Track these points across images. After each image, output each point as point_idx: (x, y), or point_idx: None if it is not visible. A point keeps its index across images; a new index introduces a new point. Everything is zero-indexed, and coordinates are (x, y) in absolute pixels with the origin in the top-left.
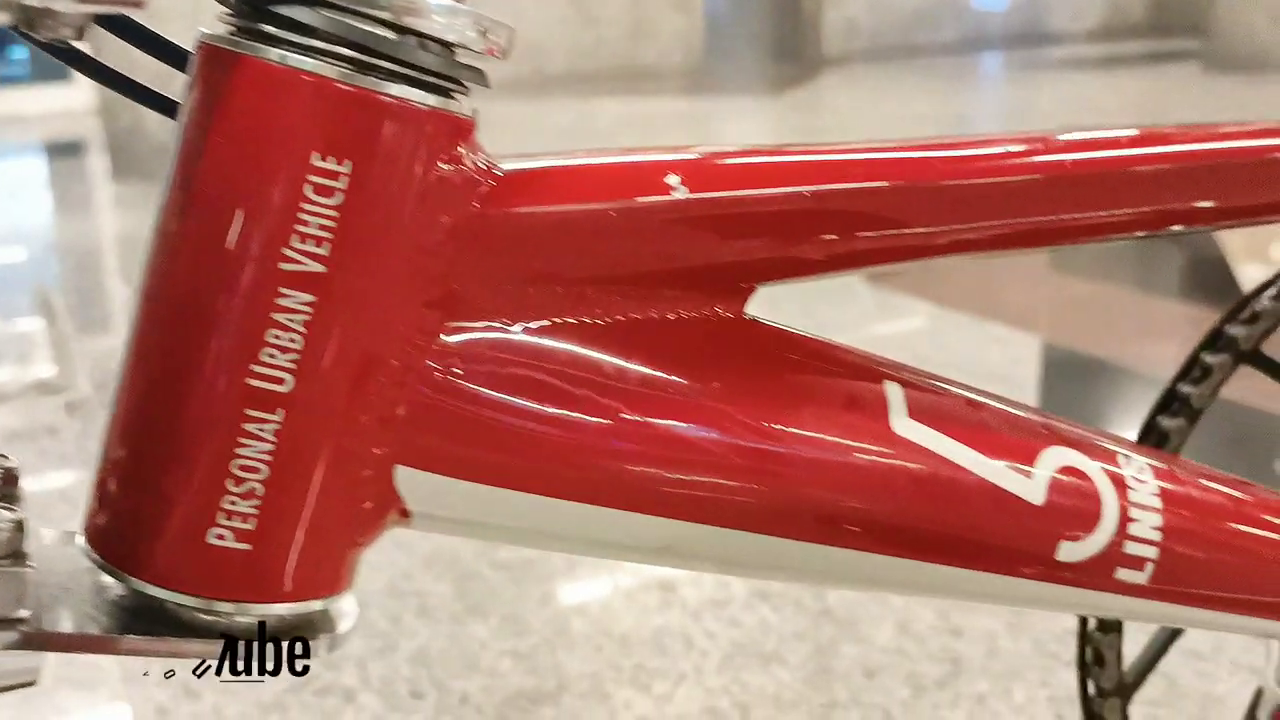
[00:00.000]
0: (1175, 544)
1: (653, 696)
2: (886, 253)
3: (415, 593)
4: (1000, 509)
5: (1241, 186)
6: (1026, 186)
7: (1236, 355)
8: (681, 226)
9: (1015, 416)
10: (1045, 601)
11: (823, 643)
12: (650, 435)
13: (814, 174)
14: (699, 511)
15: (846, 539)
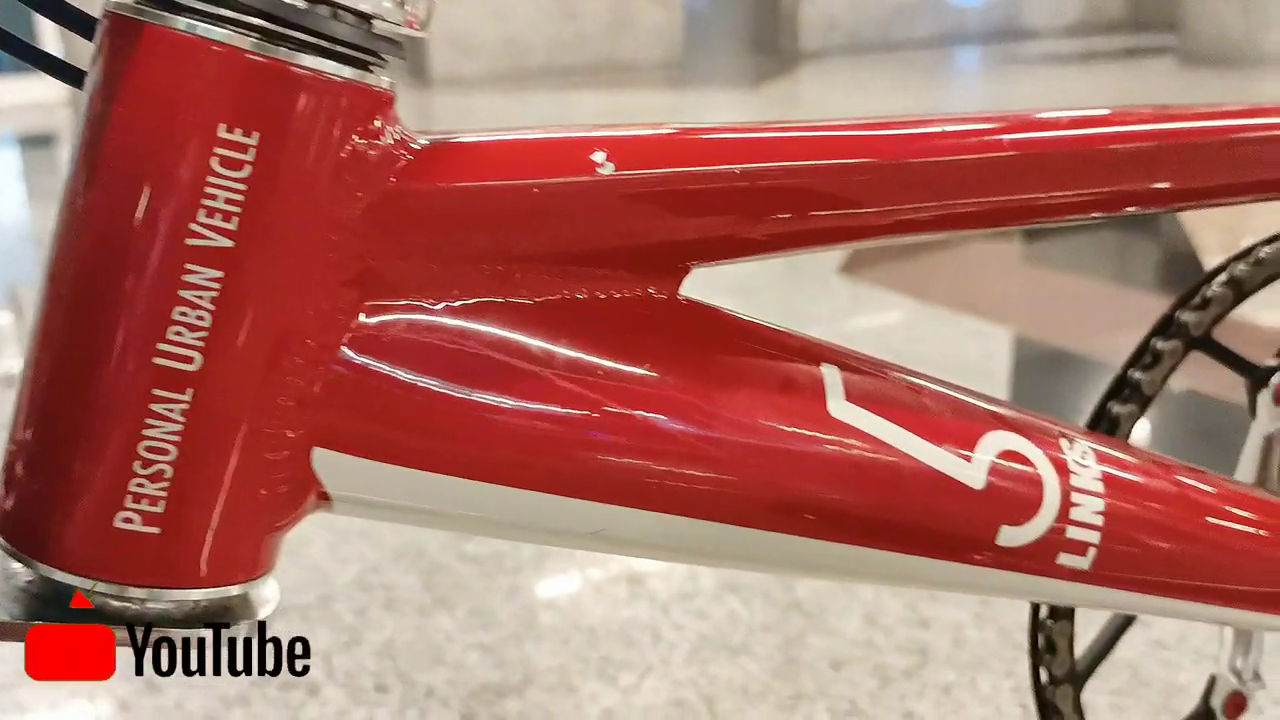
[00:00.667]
0: (1118, 529)
1: (619, 689)
2: (829, 233)
3: (383, 585)
4: (939, 493)
5: (1196, 168)
6: (972, 166)
7: (1188, 341)
8: (609, 204)
9: (957, 401)
10: (986, 586)
11: (791, 635)
12: (576, 418)
13: (747, 152)
14: (628, 496)
15: (780, 523)
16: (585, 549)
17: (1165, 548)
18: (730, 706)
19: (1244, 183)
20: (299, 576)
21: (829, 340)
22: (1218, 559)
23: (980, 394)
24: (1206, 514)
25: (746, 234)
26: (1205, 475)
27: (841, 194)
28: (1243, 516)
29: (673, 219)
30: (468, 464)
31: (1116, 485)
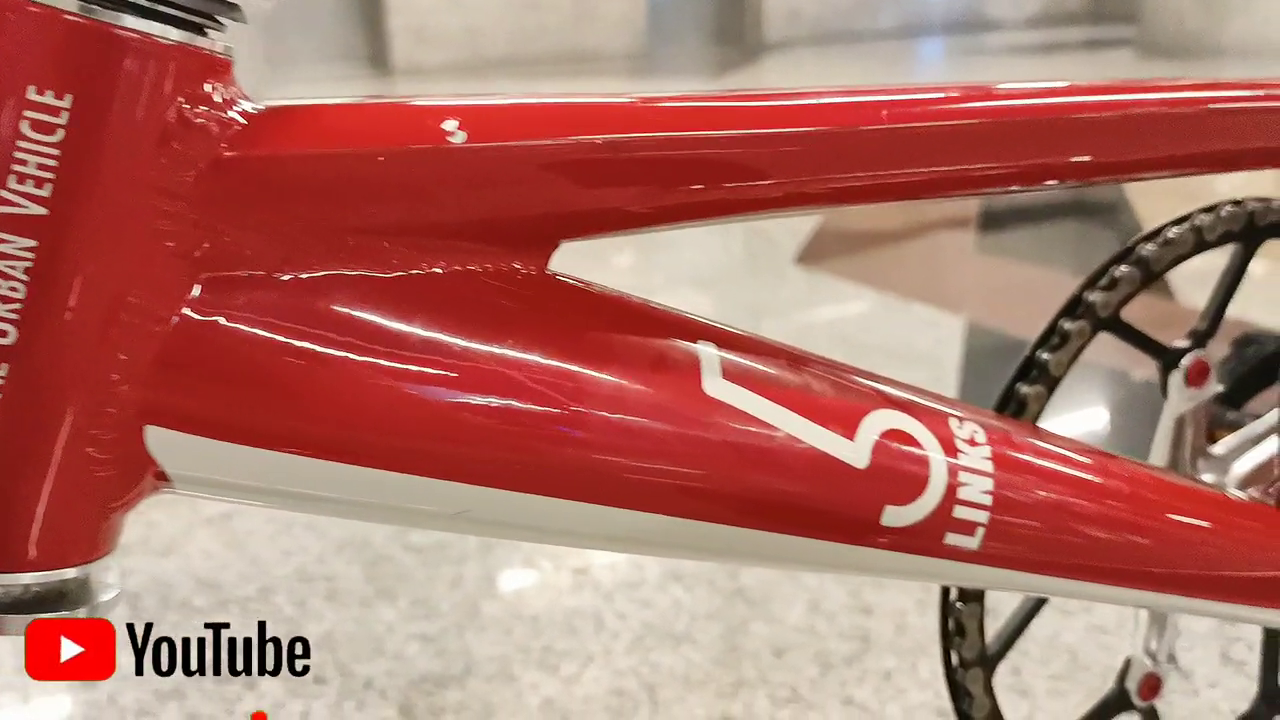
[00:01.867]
0: (1008, 509)
1: (560, 678)
2: (711, 205)
3: (324, 577)
4: (820, 473)
5: (1116, 141)
6: (861, 138)
7: (1095, 322)
8: (461, 175)
9: (843, 380)
10: (872, 567)
11: (734, 622)
12: (431, 395)
13: (613, 122)
14: (490, 476)
15: (651, 504)
16: (449, 530)
17: (1059, 529)
18: (671, 694)
19: (1167, 156)
20: (240, 569)
21: (708, 318)
22: (1118, 540)
23: (869, 373)
24: (1106, 495)
25: (618, 207)
26: (1112, 458)
27: (719, 166)
28: (1146, 499)
29: (532, 191)
30: (313, 442)
31: (1007, 465)
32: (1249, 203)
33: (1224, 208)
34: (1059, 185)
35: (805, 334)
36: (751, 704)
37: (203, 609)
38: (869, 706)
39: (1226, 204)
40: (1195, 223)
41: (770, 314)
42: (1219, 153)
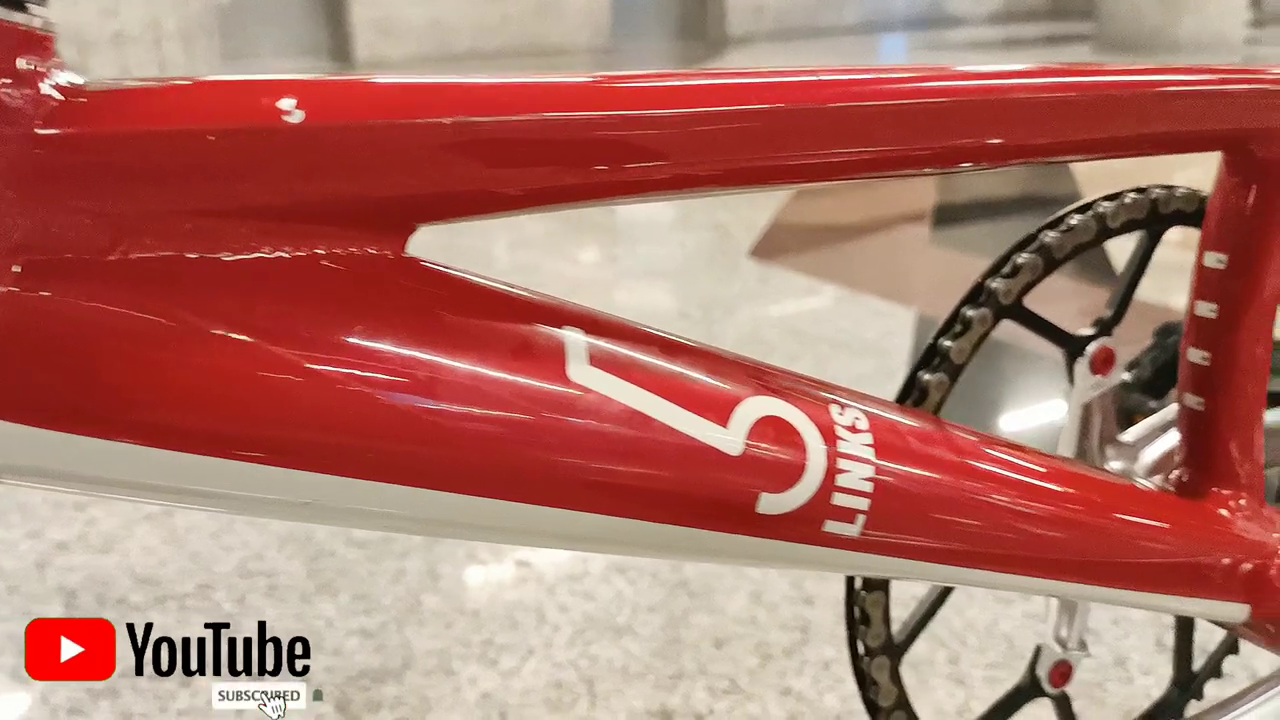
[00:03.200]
0: (890, 497)
1: (499, 672)
2: (585, 189)
3: (265, 573)
4: (690, 460)
5: (1026, 124)
6: (741, 119)
7: (997, 309)
8: (299, 156)
9: (718, 366)
10: (750, 556)
11: (676, 614)
12: (268, 381)
13: (469, 103)
14: (337, 464)
15: (514, 492)
16: (297, 520)
17: (945, 516)
18: (610, 687)
19: (1090, 140)
20: (179, 565)
21: (579, 303)
22: (1010, 528)
23: (747, 360)
24: (998, 484)
25: (482, 189)
26: (1010, 447)
27: (591, 148)
28: (1041, 487)
29: (379, 173)
30: (143, 430)
31: (891, 452)
32: (1153, 190)
33: (1127, 195)
34: (977, 168)
35: (757, 327)
36: (690, 695)
37: (140, 605)
38: (806, 696)
39: (1130, 191)
40: (1098, 210)
41: (722, 307)
42: (1141, 136)
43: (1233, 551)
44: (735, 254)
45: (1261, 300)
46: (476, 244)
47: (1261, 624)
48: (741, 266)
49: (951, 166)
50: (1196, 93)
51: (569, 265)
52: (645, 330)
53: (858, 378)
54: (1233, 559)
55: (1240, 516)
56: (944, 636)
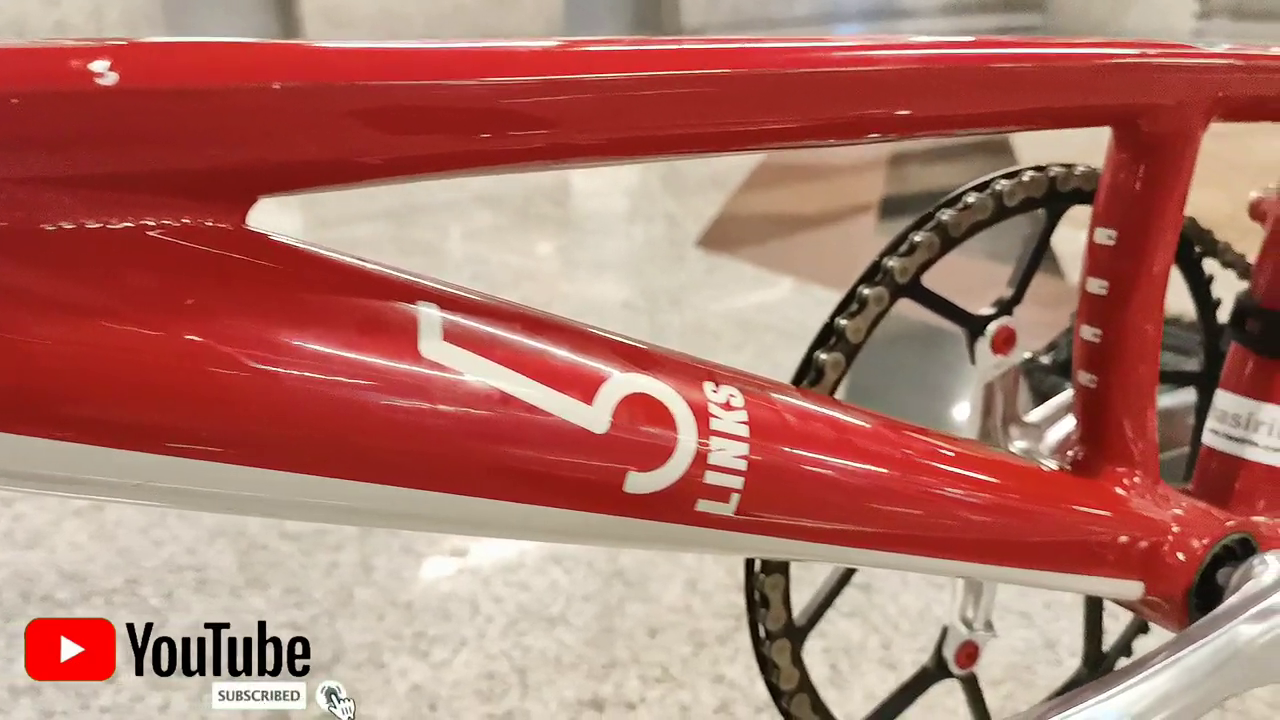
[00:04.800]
0: (766, 475)
1: (430, 664)
2: (438, 159)
3: (194, 567)
4: (552, 439)
5: (904, 97)
6: (596, 88)
7: (894, 288)
8: (112, 121)
9: (586, 342)
10: (619, 536)
11: (610, 603)
12: (92, 357)
13: (308, 66)
14: (172, 443)
15: (365, 472)
16: (131, 501)
17: (825, 495)
18: (542, 677)
19: (973, 114)
20: (107, 561)
21: (438, 279)
22: (895, 507)
23: (619, 336)
24: (883, 462)
25: (326, 158)
26: (900, 427)
27: (444, 115)
28: (928, 466)
29: (207, 140)
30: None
31: (766, 430)
32: (1052, 168)
33: (1026, 173)
34: (854, 141)
35: (702, 316)
36: (622, 684)
37: (65, 602)
38: (739, 684)
39: (1029, 169)
40: (996, 188)
41: (668, 297)
42: (1028, 111)
43: (1126, 529)
44: (683, 244)
45: (1150, 277)
46: (425, 236)
47: (1155, 600)
48: (689, 257)
49: (824, 140)
50: (1083, 67)
51: (514, 256)
52: (507, 306)
53: None
54: (1126, 537)
55: (1134, 494)
56: (877, 622)
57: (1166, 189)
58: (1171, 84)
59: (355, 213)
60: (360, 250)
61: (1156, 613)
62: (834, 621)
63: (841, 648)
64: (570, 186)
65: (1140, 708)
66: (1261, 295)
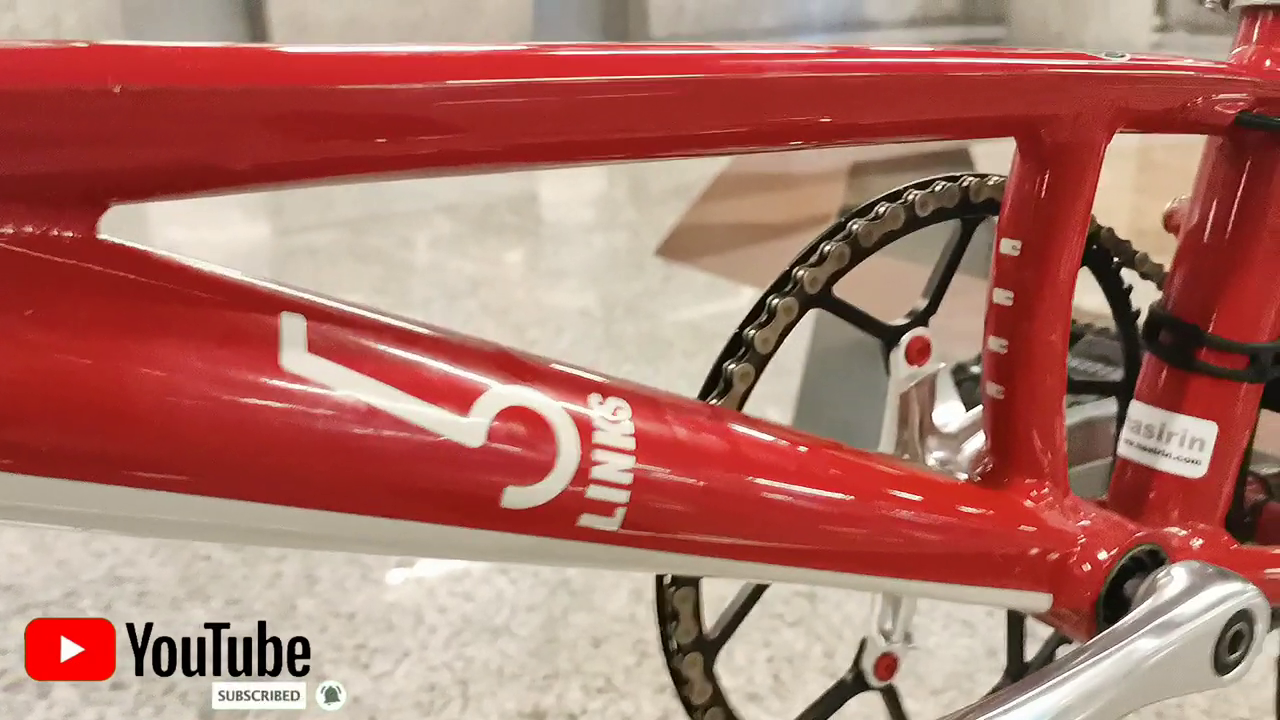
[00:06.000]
0: (652, 489)
1: (371, 676)
2: (305, 167)
3: (135, 579)
4: (424, 453)
5: (802, 106)
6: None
7: (804, 298)
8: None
9: (463, 353)
10: (498, 552)
11: (555, 613)
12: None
13: (160, 69)
14: (22, 460)
15: (224, 488)
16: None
17: (715, 508)
18: (483, 688)
19: (876, 124)
20: (46, 572)
21: (306, 289)
22: (789, 520)
23: (500, 347)
24: (778, 475)
25: (183, 164)
26: (801, 439)
27: (307, 122)
28: (832, 479)
29: (49, 144)
30: None
31: (654, 443)
32: (965, 178)
33: (938, 183)
34: (748, 150)
35: (657, 324)
36: (564, 695)
37: (1, 614)
38: None
39: (941, 179)
40: (908, 199)
41: (624, 305)
42: (930, 121)
43: (1034, 541)
44: (642, 253)
45: (1055, 287)
46: (382, 244)
47: (1064, 612)
48: (647, 266)
49: (711, 149)
50: (982, 78)
51: (471, 264)
52: (381, 318)
53: None
54: (1034, 548)
55: (1043, 505)
56: (820, 631)
57: (1070, 199)
58: (1073, 94)
59: (315, 221)
60: (317, 259)
61: (1066, 624)
62: (778, 630)
63: (785, 657)
64: (534, 195)
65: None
66: (1173, 306)
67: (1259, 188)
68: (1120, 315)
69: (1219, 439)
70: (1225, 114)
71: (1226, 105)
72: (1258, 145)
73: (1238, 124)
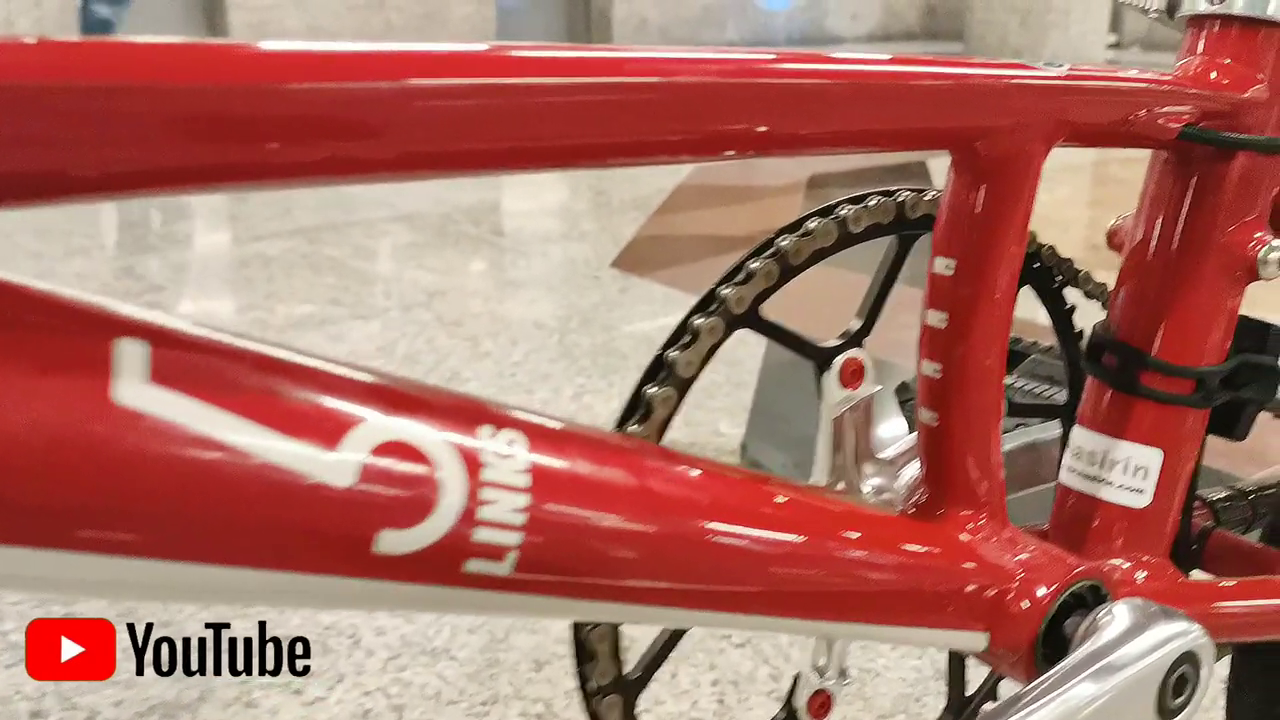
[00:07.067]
0: (549, 531)
1: (304, 702)
2: (167, 175)
3: (62, 601)
4: (285, 494)
5: (722, 115)
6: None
7: (730, 318)
8: None
9: (334, 382)
10: (373, 601)
11: (497, 635)
12: None
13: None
14: None
15: (48, 537)
16: None
17: (622, 550)
18: (419, 714)
19: (801, 135)
20: None
21: (157, 311)
22: (707, 561)
23: (380, 375)
24: (696, 513)
25: (17, 170)
26: (722, 472)
27: (172, 125)
28: (752, 515)
29: None
30: None
31: (552, 480)
32: (900, 193)
33: (871, 198)
34: (660, 161)
35: (611, 336)
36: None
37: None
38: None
39: (876, 193)
40: (839, 214)
41: (579, 316)
42: (859, 133)
43: (969, 578)
44: (599, 265)
45: (991, 307)
46: (338, 253)
47: (1001, 653)
48: (603, 277)
49: (610, 161)
50: (917, 87)
51: (427, 274)
52: (239, 343)
53: (709, 385)
54: (969, 585)
55: (978, 538)
56: (768, 653)
57: (1006, 216)
58: (1008, 106)
59: (270, 230)
60: (270, 268)
61: (1003, 664)
62: (725, 652)
63: (730, 680)
64: (494, 206)
65: None
66: (1117, 327)
67: (1205, 204)
68: (1063, 336)
69: (1164, 467)
70: (1170, 128)
71: (1171, 118)
72: (1203, 160)
73: (1182, 138)
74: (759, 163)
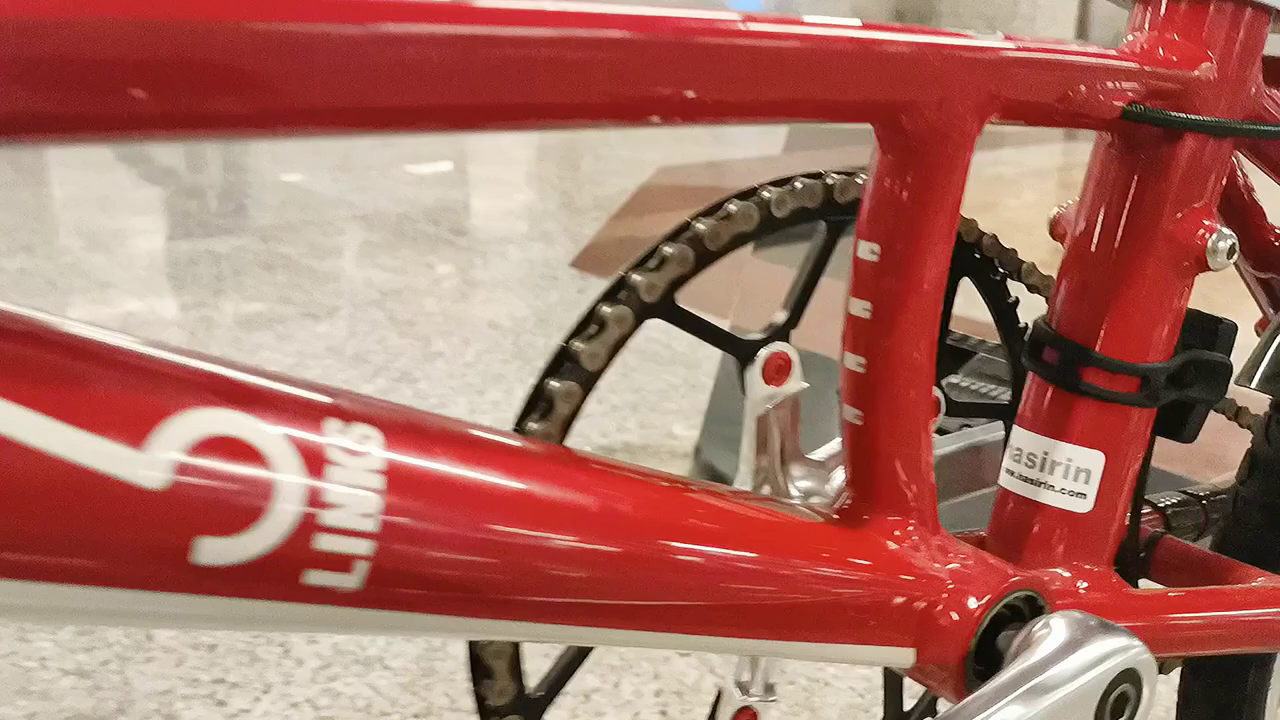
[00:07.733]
0: (407, 537)
1: (227, 714)
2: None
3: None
4: (82, 496)
5: (622, 78)
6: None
7: (641, 307)
8: None
9: (150, 369)
10: (194, 619)
11: (434, 644)
12: None
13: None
14: None
15: None
16: None
17: (497, 558)
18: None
19: (712, 101)
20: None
21: None
22: (593, 572)
23: (212, 360)
24: (582, 518)
25: None
26: (619, 473)
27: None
28: (651, 521)
29: None
30: None
31: (412, 480)
32: (829, 175)
33: (798, 180)
34: (558, 127)
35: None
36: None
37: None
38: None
39: (800, 176)
40: (762, 196)
41: (536, 316)
42: (776, 101)
43: (895, 589)
44: (558, 265)
45: (919, 297)
46: (292, 251)
47: (930, 669)
48: (562, 278)
49: (502, 125)
50: (835, 53)
51: (382, 273)
52: (36, 320)
53: (665, 387)
54: (896, 597)
55: (906, 546)
56: (714, 661)
57: (935, 197)
58: (935, 76)
59: (222, 226)
60: (220, 266)
61: (933, 682)
62: (669, 660)
63: (674, 690)
64: (454, 205)
65: None
66: (1058, 321)
67: (1150, 190)
68: (1006, 331)
69: (1106, 469)
70: (1113, 105)
71: (1114, 96)
72: (1149, 142)
73: (1126, 118)
74: (731, 165)
